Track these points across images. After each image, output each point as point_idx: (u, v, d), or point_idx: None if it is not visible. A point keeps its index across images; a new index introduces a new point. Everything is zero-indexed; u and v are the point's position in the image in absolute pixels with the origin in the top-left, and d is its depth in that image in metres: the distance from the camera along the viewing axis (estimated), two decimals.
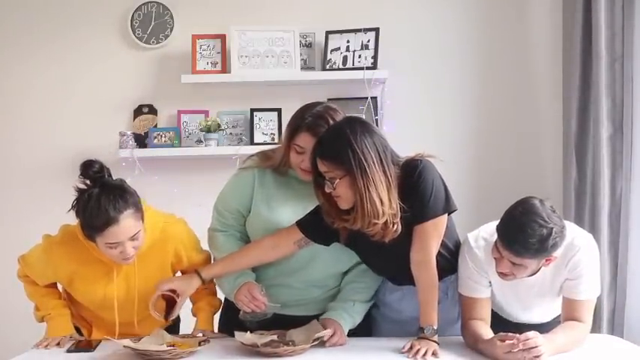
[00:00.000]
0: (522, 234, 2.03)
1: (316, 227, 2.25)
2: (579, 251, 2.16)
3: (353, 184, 2.08)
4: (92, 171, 2.13)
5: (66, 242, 2.23)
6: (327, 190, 2.12)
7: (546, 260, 2.10)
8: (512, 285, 2.22)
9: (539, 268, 2.14)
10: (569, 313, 2.21)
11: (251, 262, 2.33)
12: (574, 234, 2.19)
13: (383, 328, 2.44)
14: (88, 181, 2.13)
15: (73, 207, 2.14)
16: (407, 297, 2.33)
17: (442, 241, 2.23)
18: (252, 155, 2.43)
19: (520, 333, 2.07)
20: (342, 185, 2.09)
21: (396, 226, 2.13)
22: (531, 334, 2.04)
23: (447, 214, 2.21)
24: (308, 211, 2.28)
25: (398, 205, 2.13)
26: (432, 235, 2.19)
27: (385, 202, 2.09)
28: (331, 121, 2.21)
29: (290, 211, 2.32)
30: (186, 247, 2.36)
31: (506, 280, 2.17)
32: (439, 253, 2.22)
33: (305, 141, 2.22)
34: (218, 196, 2.44)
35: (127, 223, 2.10)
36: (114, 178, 2.19)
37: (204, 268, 2.33)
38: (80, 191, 2.13)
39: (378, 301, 2.43)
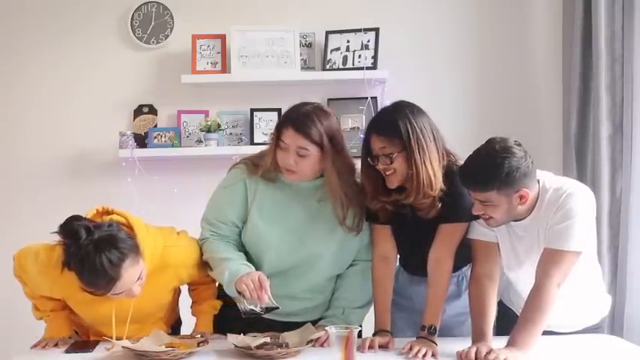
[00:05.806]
0: (472, 166, 2.07)
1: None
2: (567, 196, 2.08)
3: (409, 158, 2.15)
4: (75, 224, 2.03)
5: (61, 266, 2.11)
6: (381, 167, 2.19)
7: (521, 198, 2.06)
8: (513, 244, 2.20)
9: (517, 208, 2.08)
10: (542, 266, 2.07)
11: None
12: (565, 181, 2.17)
13: (396, 318, 2.45)
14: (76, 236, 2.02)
15: (64, 265, 2.05)
16: (415, 282, 2.39)
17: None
18: (238, 164, 2.37)
19: None
20: (399, 160, 2.16)
21: (439, 203, 2.20)
22: (492, 355, 1.98)
23: (468, 223, 2.27)
24: (300, 216, 2.30)
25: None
26: (453, 237, 2.26)
27: (438, 177, 2.18)
28: (317, 122, 2.20)
29: (284, 217, 2.31)
30: (188, 267, 2.31)
31: (490, 225, 2.14)
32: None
33: (288, 136, 2.20)
34: (208, 209, 2.38)
35: (128, 273, 2.04)
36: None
37: None
38: (70, 251, 2.03)
39: (394, 292, 2.48)
